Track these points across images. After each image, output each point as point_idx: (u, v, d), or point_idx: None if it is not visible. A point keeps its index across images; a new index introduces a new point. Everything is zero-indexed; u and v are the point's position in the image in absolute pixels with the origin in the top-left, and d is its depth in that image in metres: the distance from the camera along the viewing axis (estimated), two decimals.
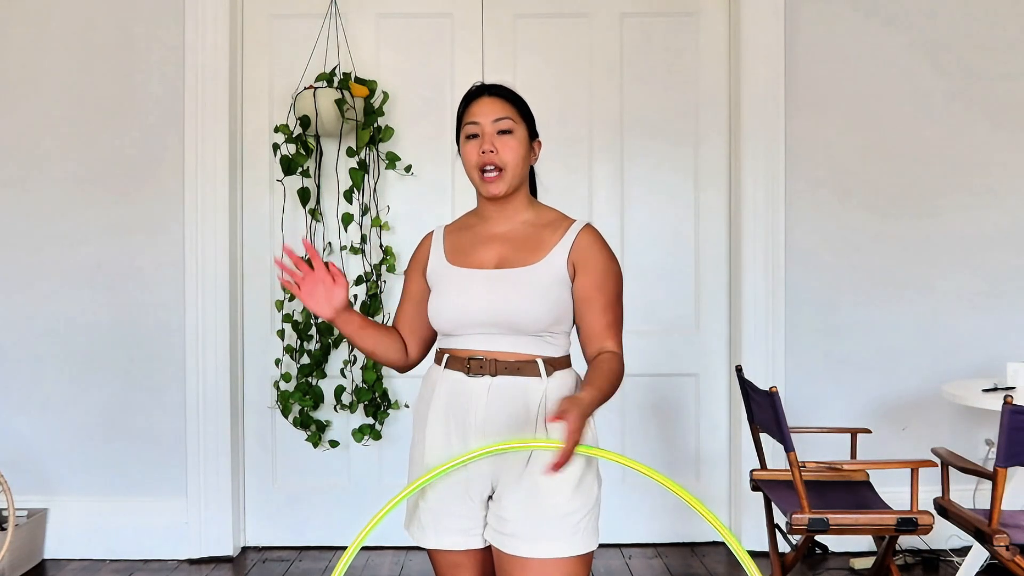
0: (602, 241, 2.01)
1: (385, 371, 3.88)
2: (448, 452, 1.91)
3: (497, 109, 1.97)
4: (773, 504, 3.15)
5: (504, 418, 1.89)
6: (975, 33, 3.88)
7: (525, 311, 1.90)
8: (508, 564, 1.87)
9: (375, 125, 3.84)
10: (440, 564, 2.00)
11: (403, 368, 2.10)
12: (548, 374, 1.92)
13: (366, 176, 3.85)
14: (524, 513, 1.86)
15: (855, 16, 3.88)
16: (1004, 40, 3.89)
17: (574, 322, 2.00)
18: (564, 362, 1.97)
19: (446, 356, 1.97)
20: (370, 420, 3.88)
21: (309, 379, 3.85)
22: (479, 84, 2.04)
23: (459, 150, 2.02)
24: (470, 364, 1.92)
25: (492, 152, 1.94)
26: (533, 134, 2.03)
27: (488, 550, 1.95)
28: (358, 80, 3.83)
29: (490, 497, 1.93)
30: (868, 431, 3.44)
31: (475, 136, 1.97)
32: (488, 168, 1.94)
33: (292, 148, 3.82)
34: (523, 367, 1.91)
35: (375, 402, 3.84)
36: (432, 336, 2.09)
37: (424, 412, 1.99)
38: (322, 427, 3.90)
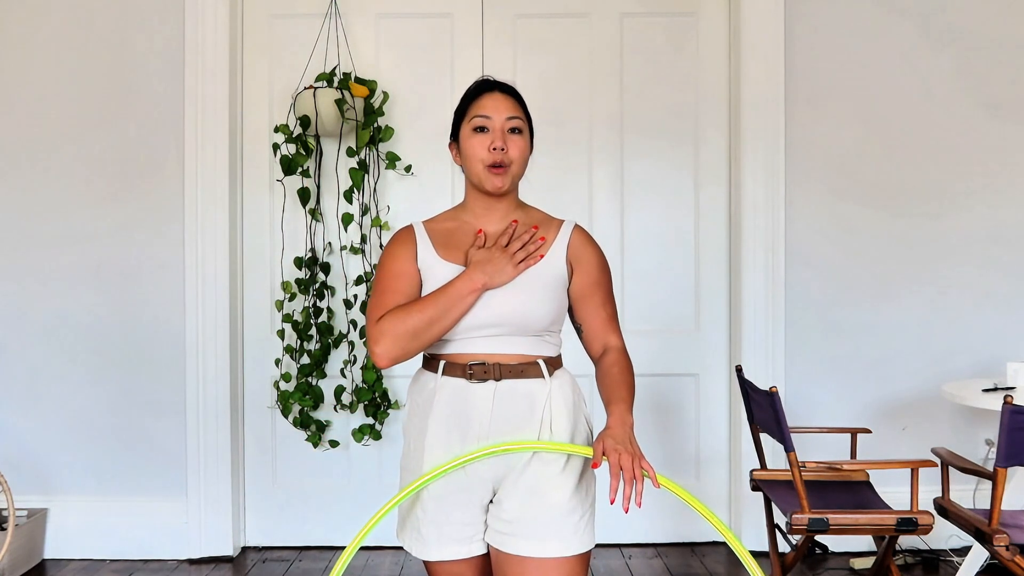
0: (592, 239, 2.05)
1: (385, 371, 3.87)
2: (449, 459, 1.89)
3: (510, 107, 1.96)
4: (773, 504, 3.15)
5: (509, 423, 1.88)
6: (977, 29, 3.88)
7: (533, 311, 1.90)
8: (507, 563, 1.86)
9: (375, 125, 3.84)
10: (438, 574, 1.97)
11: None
12: (550, 374, 1.92)
13: (366, 176, 3.85)
14: (525, 512, 1.85)
15: (855, 14, 3.88)
16: (1005, 35, 3.89)
17: (573, 320, 2.01)
18: (560, 361, 1.98)
19: (442, 362, 1.93)
20: (370, 420, 3.88)
21: (309, 379, 3.85)
22: (488, 79, 2.02)
23: (454, 139, 2.00)
24: (472, 369, 1.90)
25: (503, 150, 1.92)
26: (531, 136, 2.02)
27: (486, 556, 1.94)
28: (358, 80, 3.83)
29: (490, 501, 1.92)
30: (868, 431, 3.44)
31: (483, 130, 1.94)
32: (496, 164, 1.93)
33: (292, 148, 3.82)
34: (526, 369, 1.90)
35: (375, 402, 3.84)
36: None
37: (422, 421, 1.94)
38: (322, 427, 3.90)
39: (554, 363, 1.95)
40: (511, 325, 1.89)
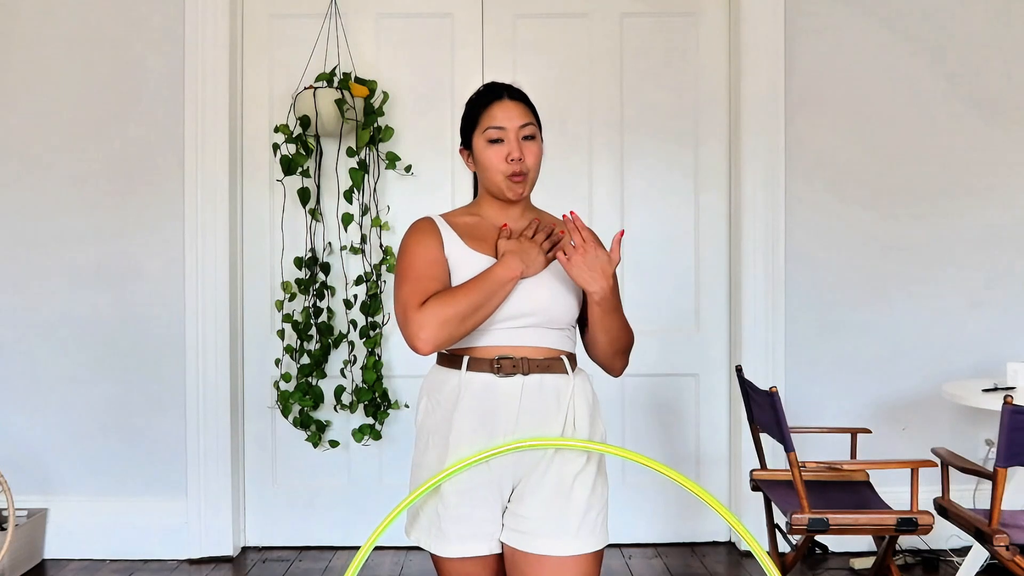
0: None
1: (385, 371, 3.88)
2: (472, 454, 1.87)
3: (522, 114, 1.96)
4: (773, 504, 3.15)
5: (536, 418, 1.88)
6: (975, 33, 3.88)
7: (562, 301, 1.93)
8: (525, 562, 1.85)
9: (375, 125, 3.84)
10: (452, 573, 1.94)
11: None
12: (572, 370, 1.93)
13: (366, 176, 3.85)
14: (544, 511, 1.85)
15: (855, 16, 3.88)
16: (1004, 39, 3.89)
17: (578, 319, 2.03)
18: (576, 359, 1.99)
19: (466, 358, 1.91)
20: (370, 420, 3.88)
21: (309, 379, 3.85)
22: (497, 84, 2.01)
23: (467, 147, 2.01)
24: (500, 364, 1.89)
25: (521, 159, 1.93)
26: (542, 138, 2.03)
27: (499, 556, 1.92)
28: (358, 80, 3.83)
29: (508, 498, 1.92)
30: (868, 431, 3.44)
31: (499, 141, 1.95)
32: (516, 173, 1.94)
33: (292, 148, 3.82)
34: (552, 364, 1.91)
35: (375, 402, 3.84)
36: None
37: (446, 418, 1.91)
38: (322, 427, 3.90)
39: (574, 360, 1.97)
40: (541, 315, 1.91)
